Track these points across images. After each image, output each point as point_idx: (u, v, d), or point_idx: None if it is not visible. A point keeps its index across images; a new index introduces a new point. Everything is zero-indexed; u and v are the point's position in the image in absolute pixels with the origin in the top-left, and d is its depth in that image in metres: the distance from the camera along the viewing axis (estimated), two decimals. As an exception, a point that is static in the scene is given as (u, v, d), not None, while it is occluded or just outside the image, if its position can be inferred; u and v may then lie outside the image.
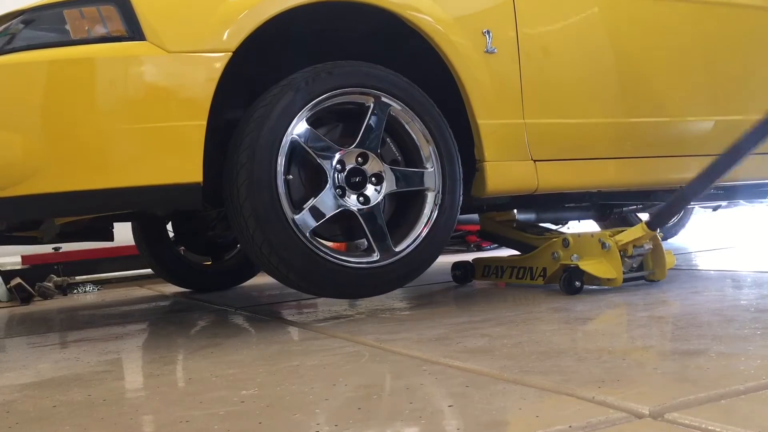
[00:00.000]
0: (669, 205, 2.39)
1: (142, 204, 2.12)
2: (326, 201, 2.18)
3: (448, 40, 2.34)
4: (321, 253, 2.14)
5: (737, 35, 3.02)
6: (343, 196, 2.21)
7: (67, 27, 1.99)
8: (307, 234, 2.13)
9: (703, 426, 0.97)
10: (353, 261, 2.20)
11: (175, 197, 2.03)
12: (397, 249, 2.26)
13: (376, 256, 2.23)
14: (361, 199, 2.24)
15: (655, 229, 2.39)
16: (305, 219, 2.14)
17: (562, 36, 2.63)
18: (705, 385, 1.16)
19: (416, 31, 2.31)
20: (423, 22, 2.30)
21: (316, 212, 2.16)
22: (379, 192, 2.26)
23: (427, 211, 2.32)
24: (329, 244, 2.36)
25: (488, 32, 2.42)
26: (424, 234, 2.30)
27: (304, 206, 2.15)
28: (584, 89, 2.67)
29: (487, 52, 2.42)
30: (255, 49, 2.16)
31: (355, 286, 2.24)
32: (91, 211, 2.11)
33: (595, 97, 2.70)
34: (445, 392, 1.25)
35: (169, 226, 3.66)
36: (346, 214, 2.22)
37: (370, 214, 2.23)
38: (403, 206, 2.39)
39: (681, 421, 1.00)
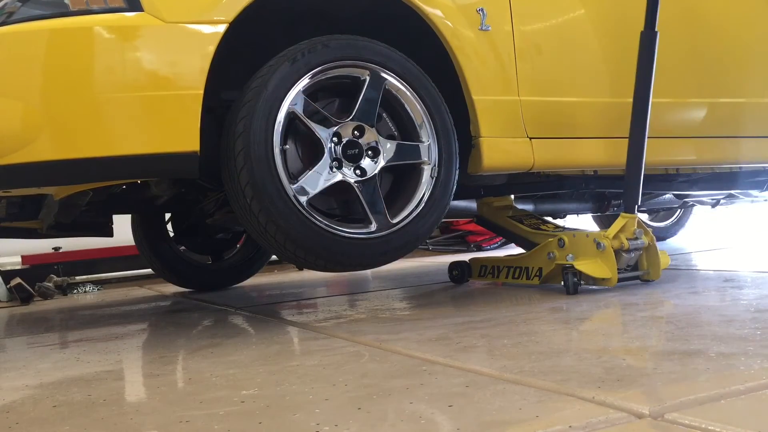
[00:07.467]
0: (627, 186, 2.46)
1: (139, 173, 2.13)
2: (323, 172, 2.19)
3: (443, 17, 2.36)
4: (318, 223, 2.14)
5: (728, 18, 3.02)
6: (339, 167, 2.22)
7: (66, 0, 2.00)
8: (304, 203, 2.14)
9: (703, 426, 0.97)
10: (350, 231, 2.20)
11: (172, 166, 2.04)
12: (394, 221, 2.26)
13: (372, 227, 2.23)
14: (357, 171, 2.24)
15: (632, 211, 2.42)
16: (302, 189, 2.14)
17: (556, 14, 2.63)
18: (705, 385, 1.16)
19: (411, 8, 2.32)
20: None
21: (312, 182, 2.17)
22: (375, 164, 2.27)
23: (423, 184, 2.33)
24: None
25: (482, 10, 2.44)
26: (420, 206, 2.31)
27: (301, 177, 2.16)
28: (579, 69, 2.67)
29: (481, 29, 2.43)
30: (253, 29, 2.17)
31: (352, 256, 2.23)
32: (88, 180, 2.10)
33: (591, 76, 2.70)
34: (445, 392, 1.25)
35: (170, 226, 3.66)
36: (343, 188, 2.23)
37: (367, 185, 2.24)
38: (400, 181, 2.39)
39: (681, 421, 1.00)
